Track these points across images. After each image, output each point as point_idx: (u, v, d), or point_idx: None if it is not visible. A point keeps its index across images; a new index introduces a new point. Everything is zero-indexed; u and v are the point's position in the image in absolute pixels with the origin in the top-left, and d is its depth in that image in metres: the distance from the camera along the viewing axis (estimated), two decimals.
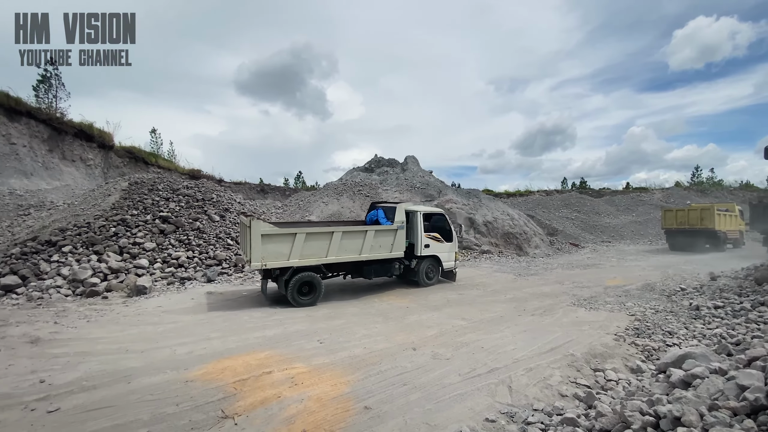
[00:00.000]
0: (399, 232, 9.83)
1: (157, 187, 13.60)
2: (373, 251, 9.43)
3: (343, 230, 9.06)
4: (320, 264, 8.77)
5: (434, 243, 10.68)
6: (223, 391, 4.31)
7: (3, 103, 22.37)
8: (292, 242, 8.34)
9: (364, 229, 9.37)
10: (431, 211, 11.08)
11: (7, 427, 3.50)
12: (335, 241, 8.84)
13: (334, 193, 21.82)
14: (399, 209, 10.00)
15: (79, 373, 4.77)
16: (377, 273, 9.90)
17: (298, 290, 8.49)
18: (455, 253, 11.25)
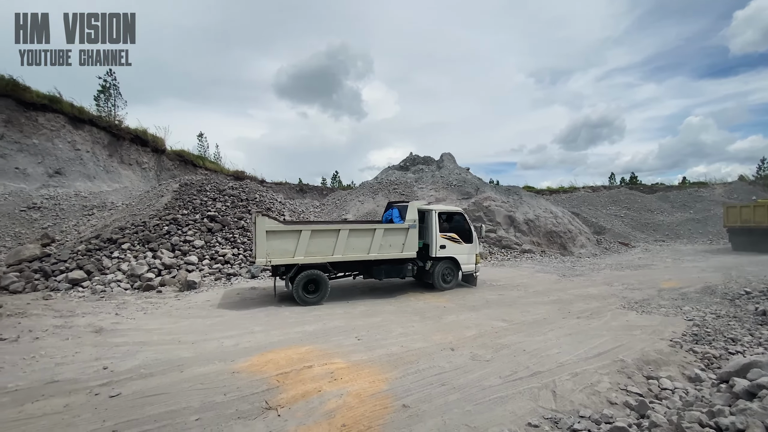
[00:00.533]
0: (410, 231, 9.29)
1: (204, 188, 14.38)
2: (382, 251, 9.03)
3: (350, 228, 8.84)
4: (326, 262, 8.60)
5: (451, 244, 9.96)
6: (267, 383, 4.47)
7: (68, 112, 24.55)
8: (297, 240, 8.27)
9: (373, 228, 9.05)
10: (448, 210, 10.36)
11: (74, 410, 3.84)
12: (342, 240, 8.60)
13: (370, 192, 22.00)
14: (411, 207, 9.51)
15: (137, 361, 5.15)
16: (388, 274, 9.43)
17: (303, 288, 8.43)
18: (476, 256, 10.40)
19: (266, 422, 3.62)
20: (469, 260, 10.30)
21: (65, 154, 23.94)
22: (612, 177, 51.33)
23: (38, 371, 4.80)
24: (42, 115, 22.93)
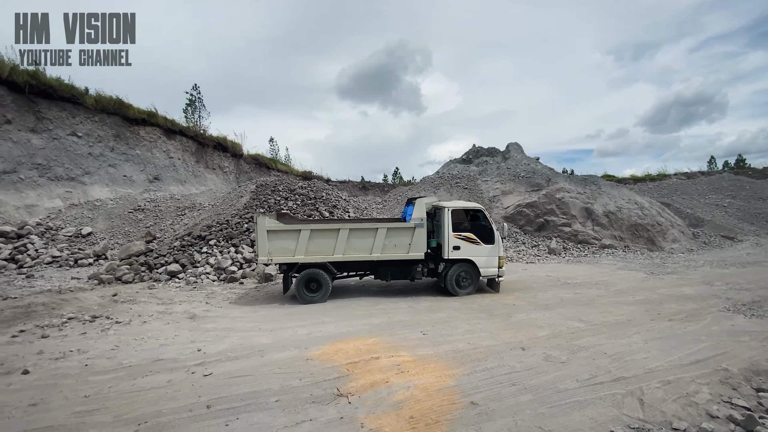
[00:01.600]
0: (417, 230, 8.58)
1: (277, 188, 15.43)
2: (386, 251, 8.57)
3: (350, 227, 8.58)
4: (326, 262, 8.46)
5: (466, 245, 8.85)
6: (338, 371, 4.70)
7: (163, 125, 27.89)
8: (297, 239, 8.29)
9: (375, 227, 8.66)
10: (465, 207, 9.44)
11: (175, 386, 4.39)
12: (342, 239, 8.43)
13: (431, 187, 21.80)
14: (418, 204, 8.81)
15: (225, 345, 5.73)
16: (395, 275, 9.02)
17: (305, 287, 8.44)
18: (499, 259, 9.01)
19: (338, 408, 3.81)
20: (490, 263, 8.96)
21: (162, 162, 27.29)
22: (712, 161, 44.88)
23: (146, 350, 5.58)
24: (142, 128, 26.37)
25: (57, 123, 21.38)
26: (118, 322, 6.94)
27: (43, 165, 20.41)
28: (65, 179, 21.28)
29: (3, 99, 19.10)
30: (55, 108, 21.36)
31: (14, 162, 19.14)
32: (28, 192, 19.42)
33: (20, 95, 19.76)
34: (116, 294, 8.84)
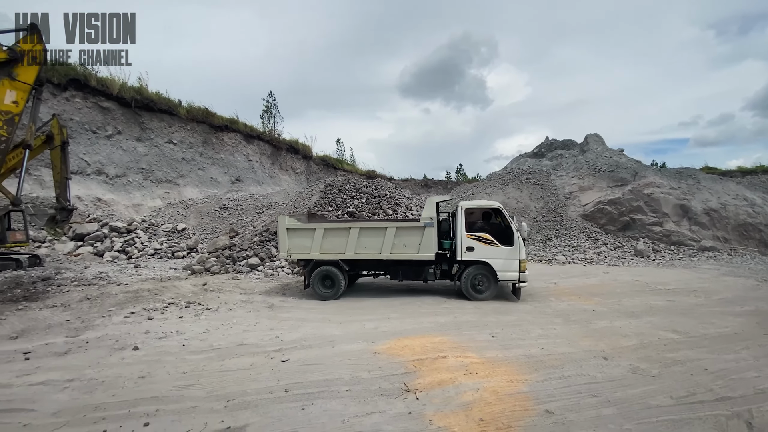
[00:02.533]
0: (427, 230, 8.25)
1: (344, 187, 16.00)
2: (395, 250, 8.39)
3: (360, 226, 8.60)
4: (338, 259, 8.56)
5: (481, 246, 8.25)
6: (405, 366, 4.74)
7: (243, 131, 30.44)
8: (312, 237, 8.55)
9: (384, 226, 8.57)
10: (482, 205, 8.94)
11: (257, 369, 4.78)
12: (352, 238, 8.47)
13: (499, 183, 20.93)
14: (428, 203, 8.54)
15: (299, 334, 6.11)
16: (406, 275, 8.80)
17: (320, 283, 8.64)
18: (520, 262, 8.15)
19: (406, 403, 3.85)
20: (508, 266, 8.17)
21: (242, 165, 29.86)
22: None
23: (232, 335, 6.15)
24: (226, 134, 29.07)
25: (157, 132, 24.48)
26: (208, 309, 7.75)
27: (147, 169, 23.51)
28: (164, 182, 24.30)
29: (114, 113, 22.37)
30: (155, 119, 24.48)
31: (124, 167, 22.33)
32: (135, 193, 22.51)
33: (128, 109, 22.98)
34: (206, 283, 9.87)
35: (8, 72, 7.28)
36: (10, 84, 7.22)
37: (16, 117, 7.11)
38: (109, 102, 21.91)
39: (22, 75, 7.37)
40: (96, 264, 13.43)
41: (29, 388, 4.30)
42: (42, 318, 7.11)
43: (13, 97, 7.24)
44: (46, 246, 14.85)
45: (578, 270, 12.89)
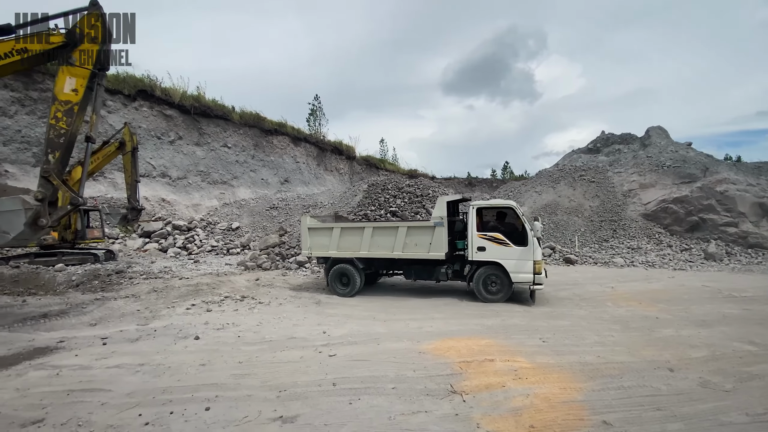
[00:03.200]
0: (437, 229, 8.14)
1: (387, 187, 16.12)
2: (407, 250, 8.39)
3: (373, 226, 8.87)
4: (353, 258, 8.79)
5: (493, 246, 7.97)
6: (451, 368, 4.68)
7: (290, 134, 31.63)
8: (330, 236, 8.94)
9: (395, 226, 8.71)
10: (494, 204, 8.62)
11: (306, 362, 4.95)
12: (366, 237, 8.67)
13: (549, 181, 19.96)
14: (439, 202, 8.41)
15: (345, 330, 6.25)
16: (419, 275, 8.80)
17: (338, 280, 8.98)
18: (535, 263, 7.73)
19: (452, 404, 3.80)
20: (521, 268, 7.79)
21: (290, 166, 31.08)
22: None
23: (283, 328, 6.43)
24: (275, 137, 30.39)
25: (213, 137, 26.15)
26: (260, 303, 8.16)
27: (204, 172, 25.20)
28: (220, 183, 25.91)
29: (176, 120, 24.20)
30: (212, 125, 26.16)
31: (185, 170, 24.09)
32: (194, 194, 24.20)
33: (188, 116, 24.76)
34: (258, 279, 10.40)
35: (67, 57, 6.44)
36: (69, 70, 6.39)
37: (75, 107, 6.30)
38: (172, 110, 23.75)
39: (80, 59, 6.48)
40: (161, 259, 14.64)
41: (106, 371, 4.78)
42: (116, 307, 7.88)
43: (72, 84, 6.37)
44: (118, 242, 16.44)
45: (639, 274, 11.97)
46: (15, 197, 5.40)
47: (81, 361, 5.05)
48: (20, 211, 5.47)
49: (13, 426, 3.49)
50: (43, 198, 6.06)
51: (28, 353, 5.41)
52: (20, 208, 5.41)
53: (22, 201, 5.33)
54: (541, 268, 7.71)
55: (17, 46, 6.32)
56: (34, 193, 6.07)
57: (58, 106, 6.26)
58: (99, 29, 6.50)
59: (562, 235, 16.10)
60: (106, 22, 6.58)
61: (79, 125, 6.29)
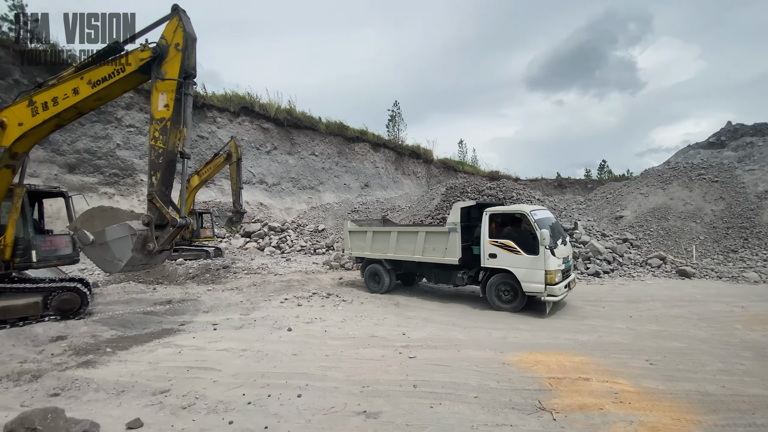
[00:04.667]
0: (451, 235, 8.25)
1: (466, 189, 15.75)
2: (426, 254, 8.68)
3: (398, 230, 9.38)
4: (382, 258, 9.39)
5: (504, 253, 7.68)
6: (539, 383, 4.39)
7: (370, 140, 32.79)
8: (365, 238, 9.72)
9: (416, 231, 9.05)
10: (506, 211, 8.15)
11: (387, 361, 5.07)
12: (392, 240, 9.18)
13: (658, 182, 17.54)
14: (454, 208, 8.47)
15: (425, 333, 6.25)
16: (438, 279, 9.04)
17: (371, 278, 9.71)
18: (546, 273, 7.15)
19: (541, 422, 3.56)
20: (532, 277, 7.34)
21: (370, 171, 32.21)
22: None
23: (364, 327, 6.68)
24: (356, 144, 31.79)
25: (302, 146, 28.32)
26: (344, 300, 8.59)
27: (295, 178, 27.41)
28: (308, 188, 27.95)
29: (271, 132, 26.74)
30: (301, 135, 28.37)
31: (278, 177, 26.49)
32: (286, 198, 26.44)
33: (281, 128, 27.21)
34: (342, 278, 10.96)
35: (157, 72, 6.01)
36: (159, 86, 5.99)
37: (168, 122, 5.90)
38: (268, 123, 26.35)
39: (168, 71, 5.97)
40: (259, 256, 16.29)
41: (217, 353, 5.47)
42: (224, 298, 8.98)
43: (164, 100, 5.98)
44: (224, 241, 18.71)
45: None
46: (123, 224, 5.59)
47: (197, 343, 5.87)
48: (127, 237, 5.59)
49: (146, 394, 4.20)
50: (149, 222, 5.77)
51: (157, 333, 6.46)
52: (127, 234, 5.55)
53: (128, 227, 5.59)
54: (554, 279, 7.25)
55: (117, 65, 6.19)
56: (142, 218, 5.82)
57: (155, 125, 6.01)
58: (180, 35, 5.96)
59: (675, 243, 13.96)
60: (186, 25, 6.02)
61: (175, 141, 5.99)
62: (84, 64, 6.40)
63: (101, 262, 6.02)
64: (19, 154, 6.57)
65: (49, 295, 7.02)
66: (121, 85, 6.42)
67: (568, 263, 7.89)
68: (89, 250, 5.99)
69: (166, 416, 3.70)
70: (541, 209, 8.35)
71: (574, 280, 8.29)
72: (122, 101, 19.10)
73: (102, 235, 5.77)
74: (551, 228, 7.55)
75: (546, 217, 8.00)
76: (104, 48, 6.32)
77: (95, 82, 6.16)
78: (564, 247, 7.84)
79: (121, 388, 4.30)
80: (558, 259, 7.37)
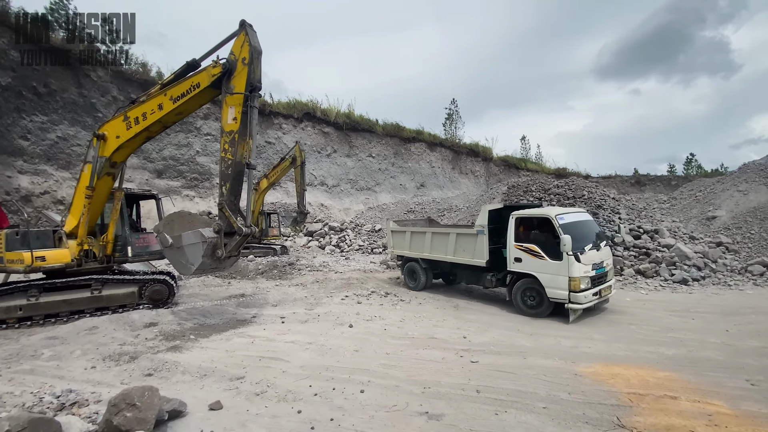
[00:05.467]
0: (479, 237, 8.30)
1: (530, 188, 14.97)
2: (457, 254, 8.88)
3: (432, 231, 9.71)
4: (419, 257, 9.79)
5: (528, 257, 7.54)
6: (616, 398, 4.03)
7: (427, 140, 32.54)
8: (404, 237, 10.23)
9: (447, 232, 9.29)
10: (533, 214, 7.90)
11: (448, 364, 4.99)
12: (428, 240, 9.54)
13: (761, 177, 15.24)
14: (482, 211, 8.55)
15: (487, 338, 6.05)
16: (468, 280, 9.29)
17: (409, 275, 10.21)
18: (571, 280, 6.87)
19: None
20: (555, 283, 7.10)
21: (426, 171, 32.01)
22: None
23: (423, 327, 6.65)
24: (412, 144, 31.77)
25: (360, 148, 28.97)
26: (402, 300, 8.63)
27: (353, 180, 28.14)
28: (365, 189, 28.55)
29: (331, 136, 27.70)
30: (359, 138, 29.04)
31: (338, 179, 27.38)
32: (345, 199, 27.24)
33: (341, 131, 28.08)
34: (399, 277, 11.02)
35: (226, 87, 6.22)
36: (228, 100, 6.21)
37: (236, 135, 6.12)
38: (329, 127, 27.36)
39: (236, 85, 6.18)
40: (320, 255, 16.98)
41: (285, 344, 5.79)
42: (290, 293, 9.49)
43: (233, 113, 6.18)
44: (289, 240, 19.77)
45: None
46: (196, 231, 6.13)
47: (267, 334, 6.27)
48: (199, 244, 5.99)
49: (224, 379, 4.57)
50: (219, 230, 6.05)
51: (232, 323, 7.01)
52: (199, 241, 6.08)
53: (200, 234, 6.09)
54: (578, 286, 6.91)
55: (193, 81, 6.51)
56: (213, 225, 6.11)
57: (225, 138, 6.26)
58: (246, 49, 6.12)
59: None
60: (252, 39, 6.16)
61: (243, 153, 6.21)
62: (167, 81, 6.95)
63: (176, 264, 6.56)
64: (117, 163, 7.50)
65: (144, 286, 7.96)
66: (197, 99, 6.77)
67: (601, 269, 7.44)
68: (168, 252, 6.58)
69: (242, 401, 4.01)
70: (572, 212, 8.07)
71: (611, 286, 7.74)
72: (200, 112, 21.03)
73: (179, 239, 6.28)
74: (582, 233, 7.41)
75: (577, 221, 7.68)
76: (183, 65, 6.75)
77: (176, 97, 6.62)
78: (597, 252, 7.44)
79: (203, 373, 4.73)
80: (585, 265, 7.03)
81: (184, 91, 6.57)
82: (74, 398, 4.01)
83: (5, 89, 14.96)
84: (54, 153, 16.92)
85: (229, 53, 6.31)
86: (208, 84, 6.36)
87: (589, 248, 7.29)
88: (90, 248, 7.75)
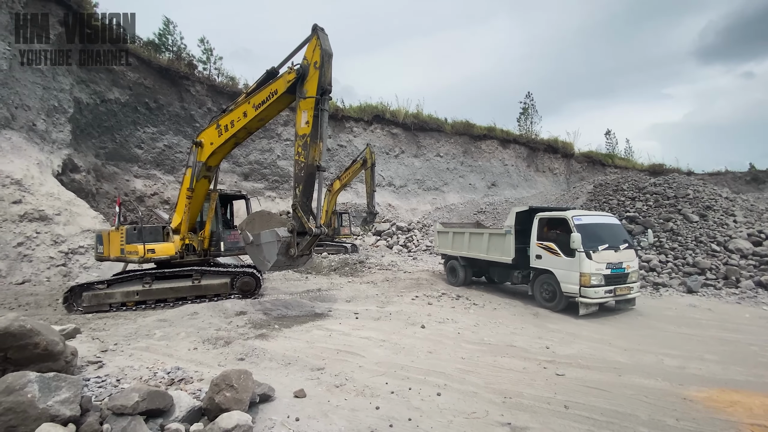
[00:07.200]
0: (507, 236, 9.02)
1: (621, 187, 13.53)
2: (489, 253, 9.57)
3: (470, 231, 10.65)
4: (458, 255, 10.62)
5: (547, 254, 8.20)
6: (736, 428, 3.44)
7: (499, 137, 31.09)
8: (447, 238, 11.13)
9: (481, 232, 10.17)
10: (553, 215, 8.41)
11: (530, 374, 4.69)
12: (466, 239, 10.41)
13: None
14: (511, 213, 9.28)
15: (573, 350, 5.58)
16: (500, 277, 10.17)
17: (450, 272, 11.05)
18: (582, 276, 7.36)
19: None
20: (568, 278, 7.68)
21: (498, 170, 30.66)
22: None
23: (500, 334, 6.34)
24: (483, 142, 30.62)
25: (428, 148, 28.73)
26: (475, 304, 8.37)
27: (420, 180, 28.04)
28: (432, 189, 28.27)
29: (399, 137, 27.85)
30: (427, 137, 28.81)
31: (405, 179, 27.48)
32: (412, 199, 27.25)
33: (408, 132, 28.10)
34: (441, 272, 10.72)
35: (300, 91, 6.39)
36: (301, 104, 6.36)
37: (308, 138, 6.31)
38: (397, 128, 27.58)
39: (309, 89, 6.31)
40: (388, 254, 17.20)
41: (360, 340, 5.94)
42: (362, 290, 9.74)
43: (306, 117, 6.34)
44: (359, 239, 20.36)
45: None
46: (272, 230, 6.60)
47: (343, 329, 6.49)
48: (275, 242, 6.38)
49: (306, 369, 4.81)
50: (292, 230, 6.33)
51: (311, 316, 7.39)
52: (274, 240, 6.54)
53: (276, 234, 6.52)
54: (588, 281, 7.41)
55: (271, 88, 6.82)
56: (288, 225, 6.42)
57: (298, 141, 6.50)
58: (318, 53, 6.25)
59: None
60: (323, 43, 6.27)
61: (314, 156, 6.39)
62: (251, 90, 7.45)
63: (256, 260, 7.11)
64: (212, 167, 8.37)
65: (235, 277, 8.77)
66: (276, 105, 7.10)
67: (619, 270, 7.70)
68: (249, 249, 7.11)
69: (323, 391, 4.18)
70: (593, 215, 8.79)
71: (630, 288, 7.81)
72: (280, 119, 22.63)
73: (258, 237, 6.77)
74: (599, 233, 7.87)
75: (595, 223, 8.20)
76: (264, 74, 7.19)
77: (257, 105, 7.10)
78: (615, 253, 7.72)
79: (287, 361, 5.04)
80: (598, 263, 7.46)
81: (264, 98, 6.98)
82: (181, 375, 4.53)
83: (124, 105, 17.67)
84: (162, 159, 19.60)
85: (302, 59, 6.51)
86: (285, 90, 6.65)
87: (604, 248, 7.62)
88: (191, 242, 8.77)
